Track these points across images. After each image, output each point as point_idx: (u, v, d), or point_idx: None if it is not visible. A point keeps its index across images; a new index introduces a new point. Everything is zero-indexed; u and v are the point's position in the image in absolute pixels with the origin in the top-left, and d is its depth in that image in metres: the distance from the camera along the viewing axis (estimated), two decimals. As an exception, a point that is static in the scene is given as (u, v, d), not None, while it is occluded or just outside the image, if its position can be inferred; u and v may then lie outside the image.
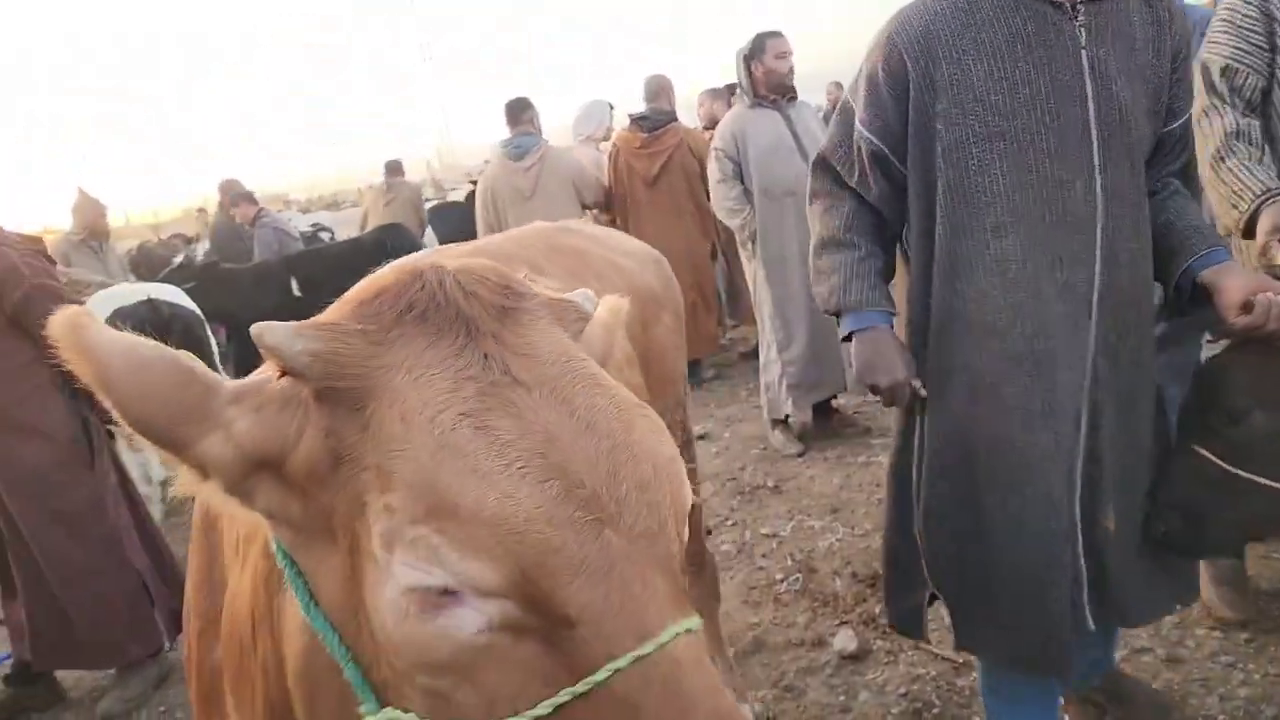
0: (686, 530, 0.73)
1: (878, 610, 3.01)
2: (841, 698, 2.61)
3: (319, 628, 0.71)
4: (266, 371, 0.75)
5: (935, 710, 2.46)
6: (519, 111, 5.68)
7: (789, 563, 3.45)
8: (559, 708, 0.61)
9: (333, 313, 0.74)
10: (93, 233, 6.49)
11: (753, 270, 4.55)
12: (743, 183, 4.42)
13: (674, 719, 0.61)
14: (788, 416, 4.62)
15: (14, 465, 3.10)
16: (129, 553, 3.28)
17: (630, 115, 5.92)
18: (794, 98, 4.47)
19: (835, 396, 4.77)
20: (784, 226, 4.35)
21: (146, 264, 8.50)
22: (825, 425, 4.78)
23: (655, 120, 5.77)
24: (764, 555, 3.52)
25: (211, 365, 4.84)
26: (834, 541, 3.58)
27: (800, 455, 4.52)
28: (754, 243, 4.44)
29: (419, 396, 0.65)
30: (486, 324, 0.70)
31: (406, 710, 0.67)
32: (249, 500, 0.71)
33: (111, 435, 3.44)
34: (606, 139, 6.39)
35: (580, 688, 0.61)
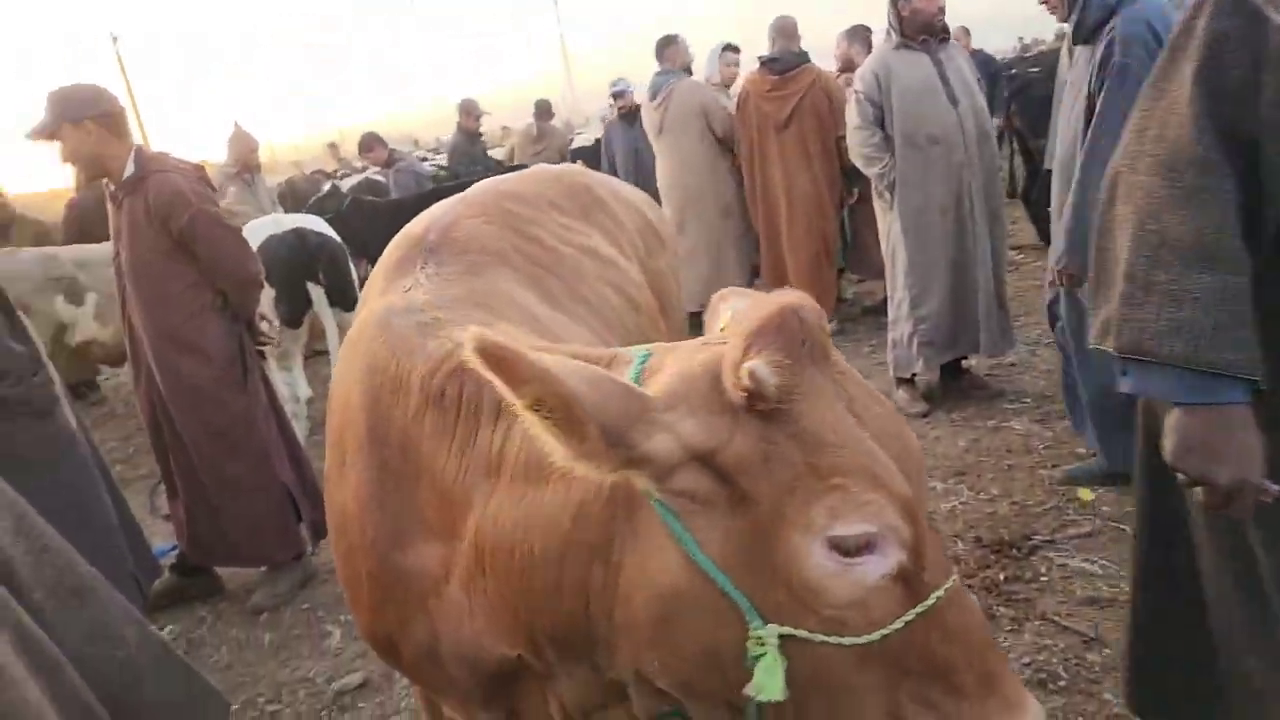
0: None
1: (1002, 577, 2.93)
2: (960, 660, 2.56)
3: (708, 569, 0.92)
4: (663, 381, 0.98)
5: (1061, 683, 2.39)
6: (661, 49, 5.78)
7: (909, 522, 3.39)
8: (909, 622, 0.91)
9: (754, 344, 0.91)
10: (245, 166, 6.88)
11: (888, 222, 4.37)
12: (883, 129, 4.23)
13: (966, 624, 0.94)
14: (914, 375, 4.49)
15: (178, 379, 3.38)
16: (276, 466, 3.54)
17: (760, 58, 5.75)
18: (946, 39, 4.22)
19: (966, 357, 4.58)
20: (927, 177, 4.14)
21: (293, 196, 8.97)
22: (953, 386, 4.62)
23: (786, 62, 5.59)
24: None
25: (353, 292, 5.13)
26: (957, 505, 3.48)
27: (924, 416, 4.39)
28: (892, 193, 4.25)
29: (834, 415, 0.92)
30: (829, 352, 0.96)
31: (799, 627, 0.91)
32: (668, 481, 0.93)
33: (263, 356, 3.70)
34: (728, 85, 6.30)
35: (926, 604, 0.91)
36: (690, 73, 6.27)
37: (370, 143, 7.81)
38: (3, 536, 0.85)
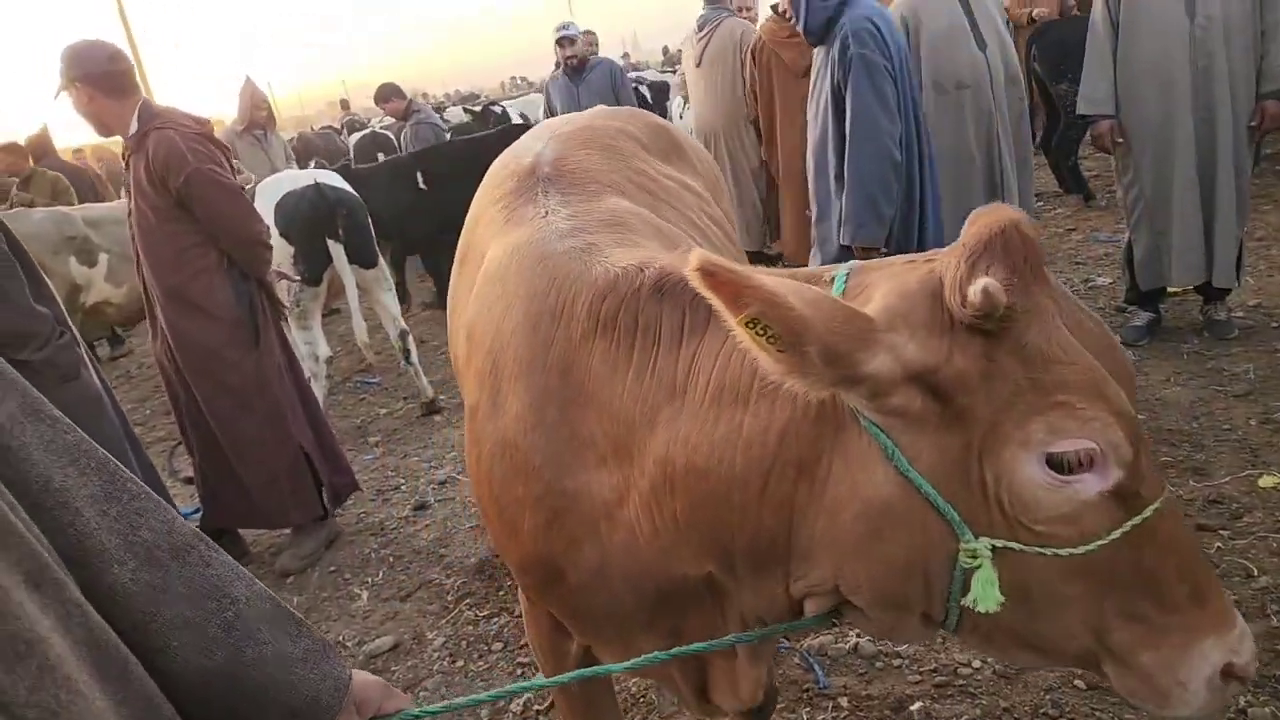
0: None
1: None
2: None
3: (918, 483, 0.94)
4: (880, 300, 0.97)
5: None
6: None
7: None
8: (1124, 534, 0.91)
9: (979, 261, 0.92)
10: (253, 122, 6.72)
11: (915, 169, 4.26)
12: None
13: (1178, 538, 0.95)
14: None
15: (186, 339, 3.34)
16: (292, 427, 3.51)
17: (773, 6, 5.62)
18: None
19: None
20: (960, 121, 4.01)
21: (306, 152, 8.87)
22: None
23: None
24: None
25: (372, 248, 5.07)
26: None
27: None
28: (919, 140, 4.14)
29: (1060, 335, 0.92)
30: (1044, 269, 0.95)
31: (1011, 539, 0.93)
32: (885, 398, 0.93)
33: (280, 316, 3.64)
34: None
35: (1140, 518, 0.91)
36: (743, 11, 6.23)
37: (388, 93, 7.55)
38: (88, 507, 0.81)
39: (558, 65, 6.57)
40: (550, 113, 6.44)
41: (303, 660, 0.92)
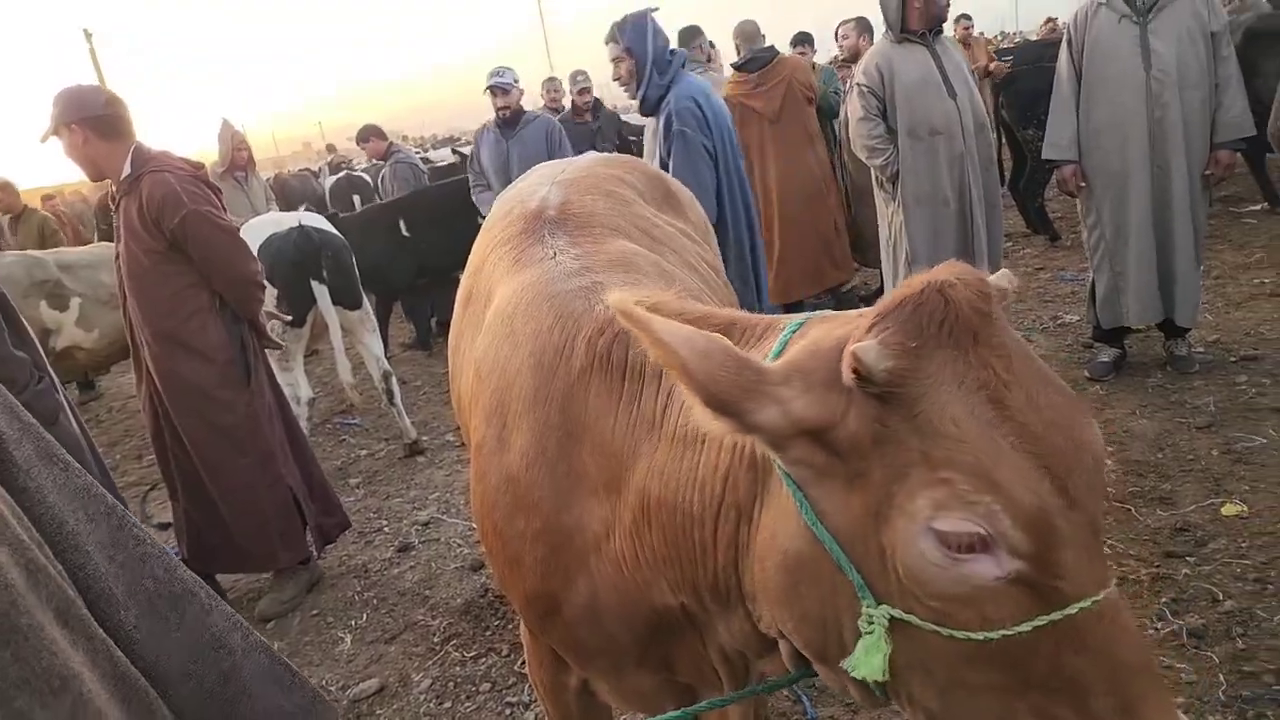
0: None
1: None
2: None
3: (825, 540, 0.91)
4: (792, 353, 0.96)
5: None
6: (687, 40, 5.77)
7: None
8: (1037, 629, 0.83)
9: (880, 323, 0.89)
10: (234, 164, 6.74)
11: (890, 213, 4.41)
12: (885, 120, 4.27)
13: (1113, 642, 0.83)
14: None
15: (176, 380, 3.34)
16: (281, 468, 3.50)
17: (733, 65, 5.82)
18: (940, 32, 4.26)
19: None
20: (933, 166, 4.19)
21: (283, 195, 8.88)
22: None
23: (761, 59, 5.65)
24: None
25: (356, 290, 5.09)
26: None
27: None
28: (894, 184, 4.30)
29: (962, 406, 0.85)
30: (981, 332, 0.87)
31: (907, 612, 0.88)
32: (782, 451, 0.91)
33: (271, 354, 3.66)
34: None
35: (1067, 612, 0.82)
36: (710, 62, 6.30)
37: (368, 134, 7.61)
38: (98, 552, 0.81)
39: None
40: (473, 166, 6.01)
41: (292, 715, 0.89)
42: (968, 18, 9.36)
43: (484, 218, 4.95)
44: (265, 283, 3.49)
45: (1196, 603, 2.59)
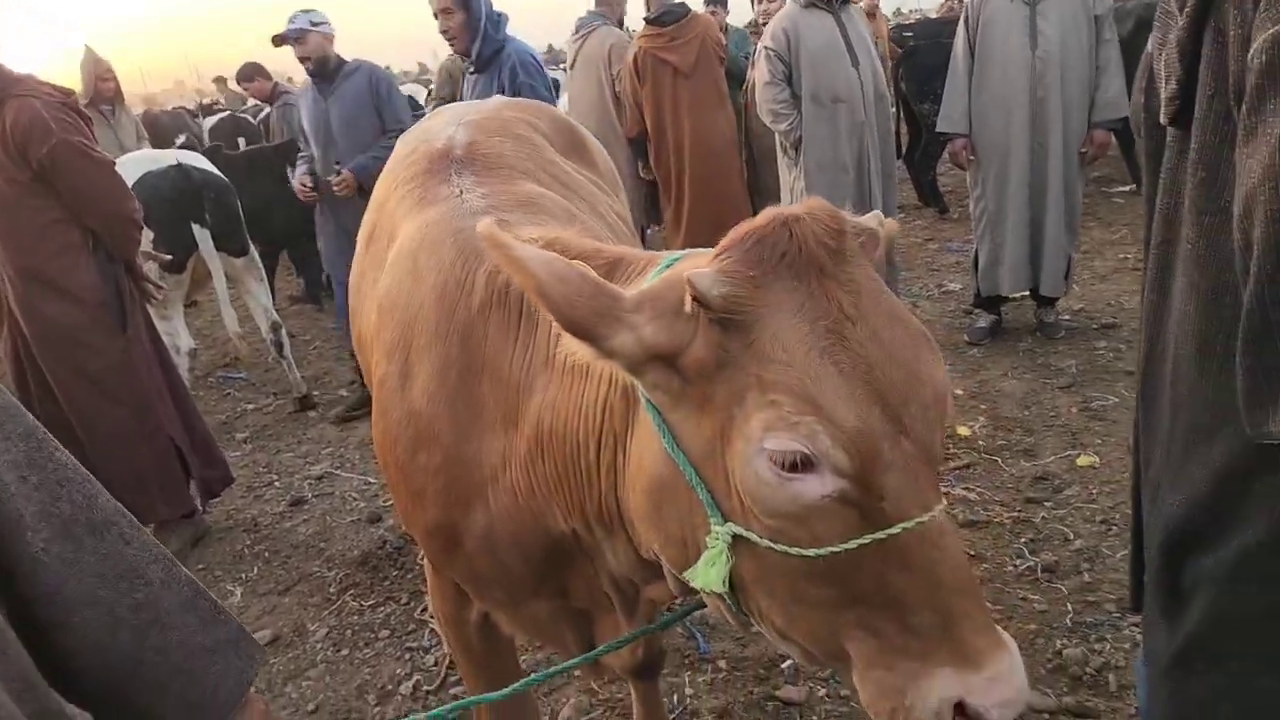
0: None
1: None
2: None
3: (680, 463, 0.96)
4: (652, 282, 1.01)
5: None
6: None
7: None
8: (863, 547, 0.88)
9: (724, 253, 0.93)
10: (99, 96, 6.17)
11: (792, 178, 4.52)
12: (790, 86, 4.36)
13: (935, 563, 0.88)
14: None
15: (43, 323, 3.13)
16: (161, 418, 3.34)
17: (645, 18, 5.73)
18: (847, 1, 4.36)
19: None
20: (832, 135, 4.30)
21: (155, 134, 8.21)
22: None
23: (675, 13, 5.59)
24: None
25: (242, 235, 4.85)
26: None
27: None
28: (796, 149, 4.40)
29: (794, 333, 0.89)
30: (828, 267, 0.91)
31: (748, 529, 0.93)
32: (640, 375, 0.95)
33: (149, 300, 3.47)
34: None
35: (891, 531, 0.87)
36: (622, 26, 6.23)
37: (250, 73, 6.84)
38: (7, 472, 0.78)
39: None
40: (283, 124, 5.67)
41: (210, 651, 0.89)
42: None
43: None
44: (142, 223, 3.29)
45: (1051, 542, 2.85)
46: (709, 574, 0.96)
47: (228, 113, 10.10)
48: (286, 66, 8.57)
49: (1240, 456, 1.15)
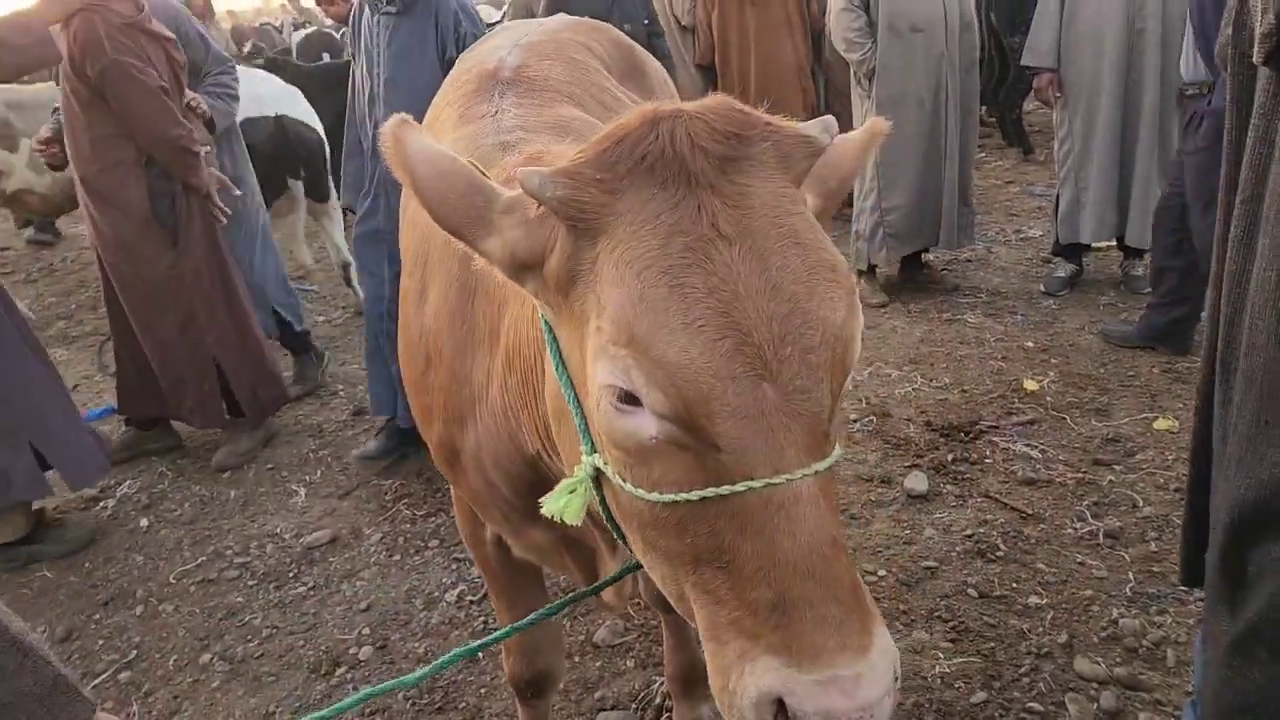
0: (847, 383, 0.83)
1: (950, 458, 3.09)
2: (907, 531, 2.73)
3: (562, 383, 0.89)
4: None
5: (999, 553, 2.58)
6: None
7: (864, 405, 3.53)
8: (703, 499, 0.77)
9: (585, 152, 0.83)
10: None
11: (864, 110, 4.32)
12: (868, 13, 4.14)
13: (784, 533, 0.76)
14: (874, 267, 4.56)
15: (101, 231, 3.29)
16: (205, 332, 3.44)
17: None
18: None
19: (927, 250, 4.67)
20: (910, 65, 4.10)
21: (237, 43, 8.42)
22: (912, 278, 4.72)
23: None
24: (840, 397, 3.59)
25: (326, 184, 4.95)
26: (910, 390, 3.63)
27: (884, 306, 4.49)
28: (870, 80, 4.20)
29: (634, 248, 0.76)
30: (707, 175, 0.78)
31: (606, 463, 0.85)
32: (521, 283, 0.88)
33: (216, 221, 3.51)
34: None
35: (715, 491, 0.76)
36: None
37: None
38: None
39: None
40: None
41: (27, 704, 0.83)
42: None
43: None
44: (198, 149, 3.27)
45: (1117, 507, 2.74)
46: (557, 502, 0.88)
47: (314, 28, 10.17)
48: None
49: None
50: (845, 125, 4.73)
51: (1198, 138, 3.19)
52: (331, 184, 4.99)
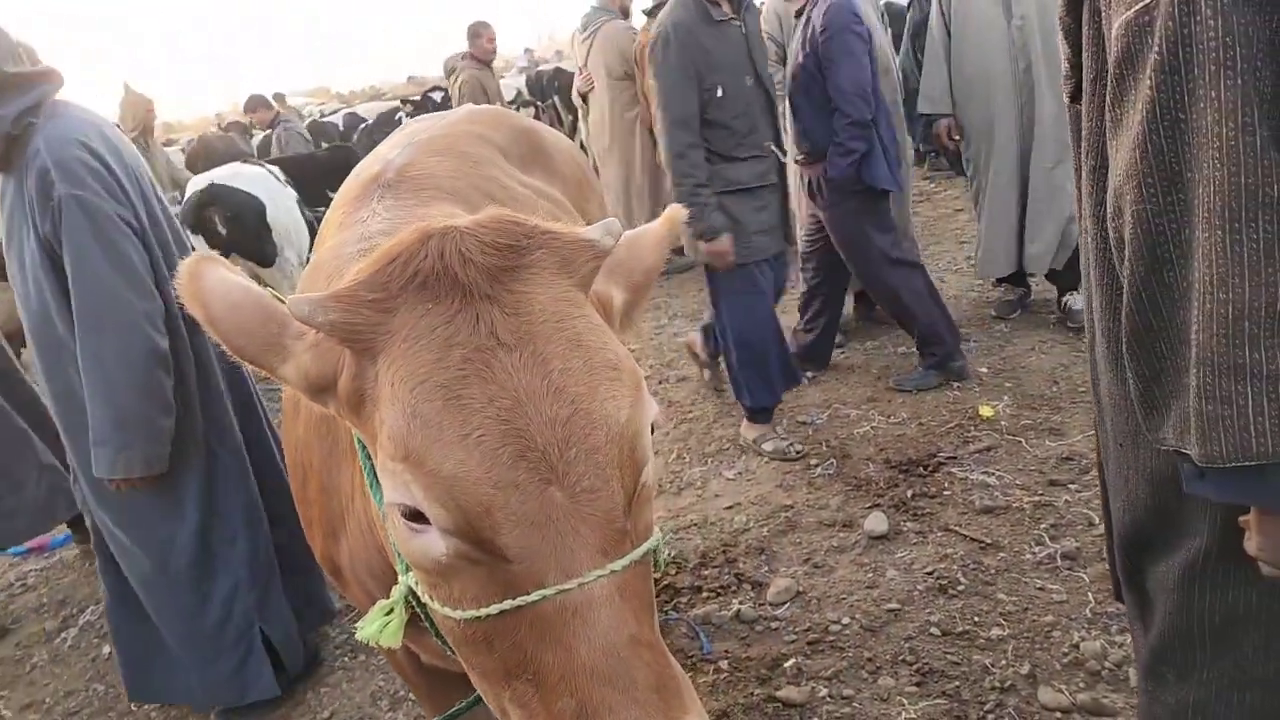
0: (643, 478, 0.83)
1: (909, 494, 3.09)
2: (869, 574, 2.71)
3: (375, 501, 0.89)
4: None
5: (960, 587, 2.56)
6: None
7: (824, 449, 3.53)
8: (503, 613, 0.77)
9: (361, 273, 0.84)
10: (144, 129, 6.62)
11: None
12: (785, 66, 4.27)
13: (580, 639, 0.75)
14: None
15: None
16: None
17: (644, 12, 5.74)
18: None
19: (878, 288, 4.73)
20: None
21: (206, 155, 8.68)
22: (866, 315, 4.77)
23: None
24: (800, 442, 3.60)
25: (264, 249, 5.04)
26: (869, 429, 3.64)
27: (840, 348, 4.53)
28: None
29: (409, 363, 0.77)
30: (481, 287, 0.79)
31: (418, 583, 0.85)
32: (324, 405, 0.89)
33: None
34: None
35: (510, 603, 0.76)
36: (627, 15, 6.25)
37: (255, 104, 8.43)
38: None
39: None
40: None
41: None
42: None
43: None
44: None
45: (1074, 527, 2.74)
46: (374, 626, 0.88)
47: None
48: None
49: (1168, 462, 1.08)
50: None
51: None
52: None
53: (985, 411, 3.54)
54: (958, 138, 4.13)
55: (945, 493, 3.06)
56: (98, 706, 2.86)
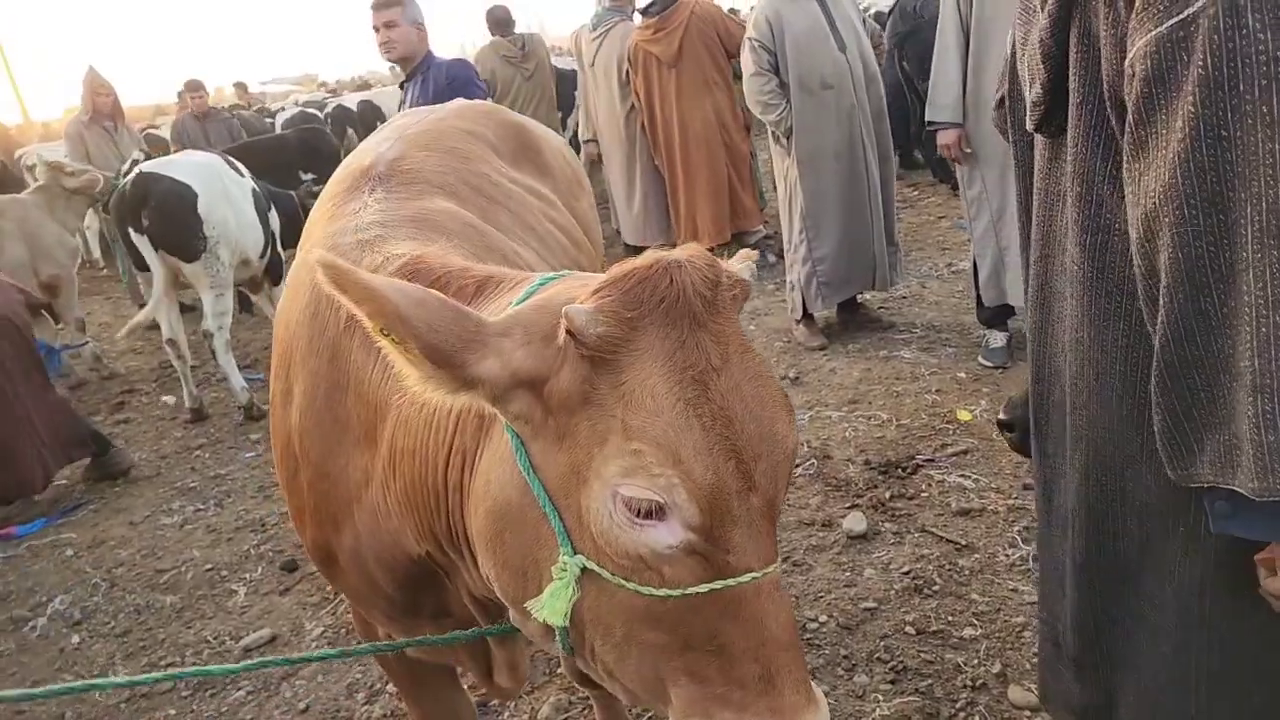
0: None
1: (887, 495, 3.12)
2: (847, 574, 2.74)
3: (536, 491, 0.95)
4: (521, 307, 1.00)
5: (935, 587, 2.59)
6: None
7: (805, 450, 3.56)
8: (702, 597, 0.90)
9: (603, 290, 0.92)
10: (98, 111, 6.56)
11: (785, 167, 4.46)
12: (778, 74, 4.30)
13: (766, 616, 0.91)
14: (811, 311, 4.64)
15: None
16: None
17: (638, 11, 5.79)
18: None
19: (861, 292, 4.77)
20: (821, 121, 4.24)
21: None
22: (849, 319, 4.81)
23: (662, 3, 5.61)
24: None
25: (193, 238, 4.90)
26: (850, 431, 3.67)
27: (823, 349, 4.56)
28: (789, 139, 4.34)
29: (663, 382, 0.88)
30: (701, 315, 0.91)
31: (600, 565, 0.92)
32: (503, 404, 0.94)
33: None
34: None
35: (729, 582, 0.90)
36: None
37: (194, 87, 8.31)
38: None
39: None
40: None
41: None
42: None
43: None
44: None
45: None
46: (554, 605, 0.95)
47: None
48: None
49: (1157, 494, 1.06)
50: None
51: None
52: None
53: (963, 415, 3.59)
54: (969, 150, 3.78)
55: (923, 494, 3.10)
56: (64, 699, 2.82)
